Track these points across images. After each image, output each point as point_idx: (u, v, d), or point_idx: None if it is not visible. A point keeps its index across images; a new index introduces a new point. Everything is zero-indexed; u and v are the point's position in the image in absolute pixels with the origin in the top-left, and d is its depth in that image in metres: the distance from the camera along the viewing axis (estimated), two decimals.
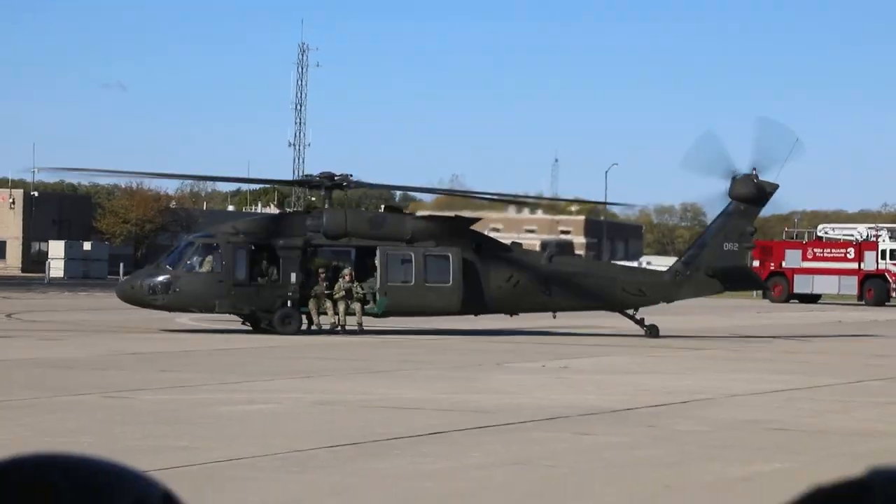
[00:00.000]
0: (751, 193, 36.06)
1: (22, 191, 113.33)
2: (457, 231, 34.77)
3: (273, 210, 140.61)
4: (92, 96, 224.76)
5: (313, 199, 36.53)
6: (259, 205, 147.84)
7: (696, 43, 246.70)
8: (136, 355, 25.74)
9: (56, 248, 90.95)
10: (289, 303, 33.39)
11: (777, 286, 76.99)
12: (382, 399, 18.32)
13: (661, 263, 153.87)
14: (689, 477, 12.50)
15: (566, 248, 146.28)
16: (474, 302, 34.34)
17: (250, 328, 33.91)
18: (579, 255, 54.32)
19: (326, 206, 35.09)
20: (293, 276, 33.39)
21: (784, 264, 76.83)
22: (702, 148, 36.15)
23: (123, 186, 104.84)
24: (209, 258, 33.70)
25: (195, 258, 33.84)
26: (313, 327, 33.73)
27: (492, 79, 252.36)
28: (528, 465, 12.95)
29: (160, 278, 33.67)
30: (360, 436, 14.39)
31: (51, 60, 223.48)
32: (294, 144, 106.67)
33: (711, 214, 38.30)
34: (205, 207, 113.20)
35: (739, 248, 36.70)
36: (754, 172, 35.92)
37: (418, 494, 11.40)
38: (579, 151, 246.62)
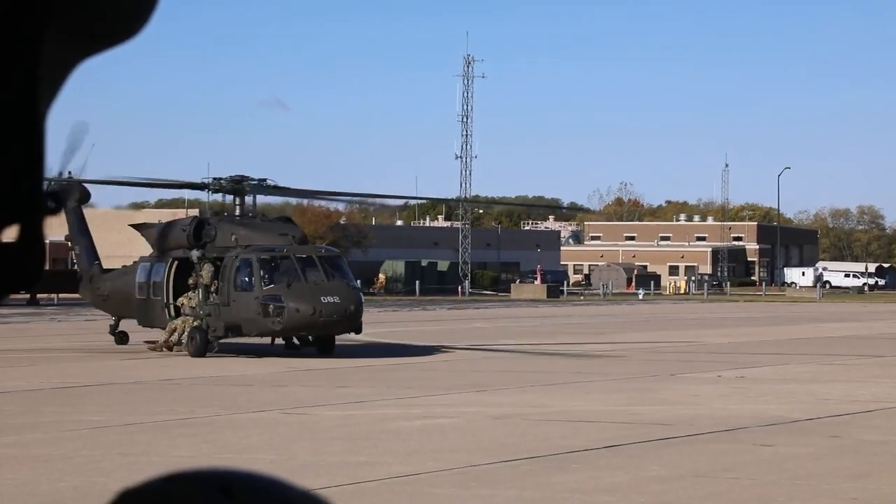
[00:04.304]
0: (84, 194, 35.20)
1: (197, 210, 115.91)
2: None
3: (441, 224, 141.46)
4: (254, 115, 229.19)
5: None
6: (427, 218, 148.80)
7: (875, 43, 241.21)
8: (310, 371, 26.06)
9: None
10: None
11: None
12: (559, 412, 18.21)
13: (837, 269, 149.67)
14: (878, 489, 12.13)
15: (738, 255, 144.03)
16: None
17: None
18: None
19: (238, 212, 32.03)
20: None
21: None
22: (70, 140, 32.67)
23: (294, 203, 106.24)
24: (266, 276, 29.98)
25: (281, 275, 29.92)
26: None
27: (660, 85, 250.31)
28: (710, 477, 12.72)
29: (274, 299, 29.40)
30: (537, 449, 14.32)
31: (215, 82, 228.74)
32: (461, 157, 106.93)
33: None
34: (374, 223, 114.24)
35: None
36: (70, 175, 33.61)
37: None
38: (751, 156, 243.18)
